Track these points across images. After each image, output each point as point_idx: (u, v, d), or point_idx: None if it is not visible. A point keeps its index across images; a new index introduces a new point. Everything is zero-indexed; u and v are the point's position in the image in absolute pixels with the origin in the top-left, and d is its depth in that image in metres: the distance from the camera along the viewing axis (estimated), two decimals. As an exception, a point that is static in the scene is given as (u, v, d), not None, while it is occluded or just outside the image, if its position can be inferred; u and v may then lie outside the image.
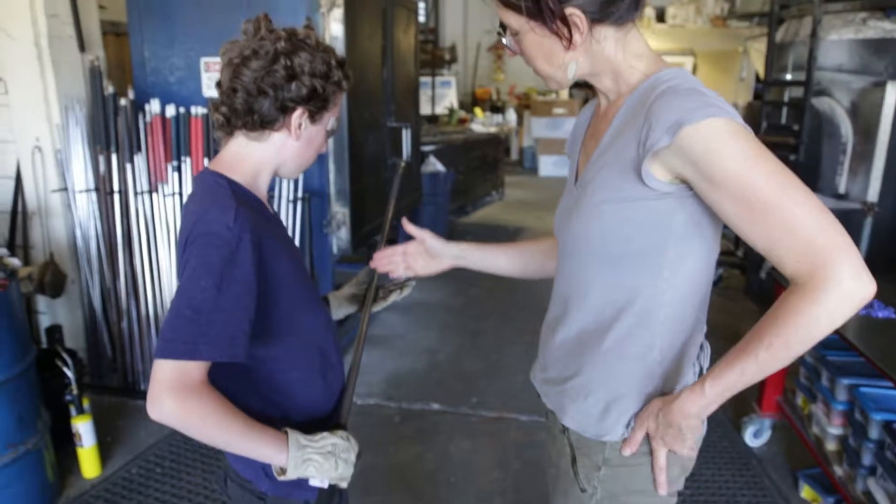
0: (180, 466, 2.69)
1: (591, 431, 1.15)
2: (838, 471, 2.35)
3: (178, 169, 3.04)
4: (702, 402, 1.00)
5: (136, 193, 3.08)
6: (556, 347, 1.21)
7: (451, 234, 6.51)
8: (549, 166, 10.12)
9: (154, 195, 3.08)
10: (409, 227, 1.47)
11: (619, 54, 1.07)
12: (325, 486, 1.15)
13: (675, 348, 1.10)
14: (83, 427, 2.56)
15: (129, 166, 3.06)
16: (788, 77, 4.25)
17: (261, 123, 1.14)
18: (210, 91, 3.14)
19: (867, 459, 2.19)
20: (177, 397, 0.97)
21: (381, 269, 1.47)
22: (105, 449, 2.75)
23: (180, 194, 3.06)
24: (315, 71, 1.13)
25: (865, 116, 3.81)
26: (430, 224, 5.94)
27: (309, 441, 1.11)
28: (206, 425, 1.01)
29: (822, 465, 2.45)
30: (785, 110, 4.28)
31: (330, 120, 1.22)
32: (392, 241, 1.49)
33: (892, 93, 3.64)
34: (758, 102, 5.69)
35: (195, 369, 1.00)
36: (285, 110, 1.14)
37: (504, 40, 1.12)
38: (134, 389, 3.24)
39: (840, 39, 3.84)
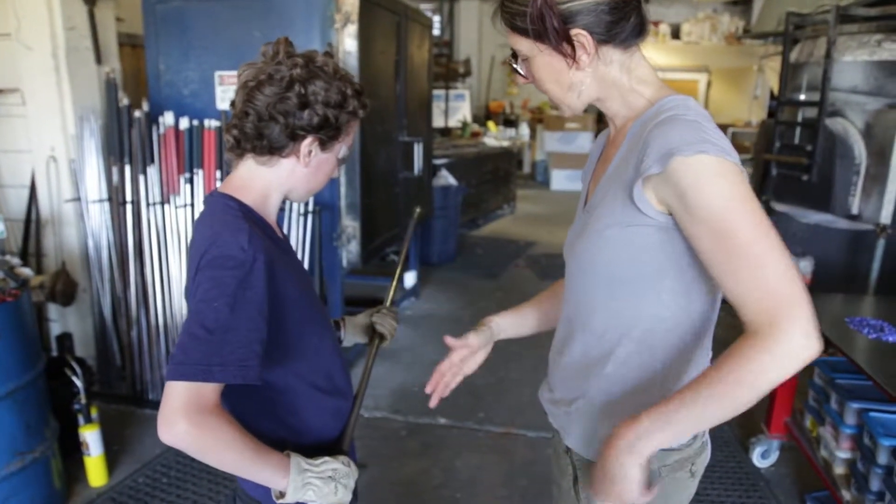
0: (186, 477, 2.70)
1: (592, 454, 1.15)
2: (846, 495, 2.31)
3: (191, 181, 3.07)
4: (637, 429, 0.94)
5: (148, 204, 3.12)
6: (562, 369, 1.22)
7: (462, 246, 6.53)
8: (561, 180, 10.12)
9: (166, 206, 3.11)
10: (451, 342, 1.38)
11: (625, 78, 1.08)
12: None
13: (678, 377, 1.10)
14: (91, 436, 2.57)
15: (141, 177, 3.10)
16: (802, 97, 4.23)
17: (269, 149, 1.14)
18: (223, 104, 3.18)
19: (875, 485, 2.16)
20: (191, 420, 0.96)
21: (444, 394, 1.40)
22: (112, 457, 2.76)
23: (192, 206, 3.09)
24: (329, 100, 1.13)
25: (879, 138, 3.78)
26: (441, 237, 5.97)
27: (310, 465, 1.12)
28: (218, 449, 1.01)
29: (830, 489, 2.41)
30: (798, 130, 4.26)
31: (342, 148, 1.22)
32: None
33: (907, 114, 3.62)
34: (772, 121, 5.67)
35: (209, 392, 0.99)
36: (295, 138, 1.13)
37: (516, 66, 1.13)
38: (142, 398, 3.26)
39: (855, 61, 3.83)
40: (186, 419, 0.96)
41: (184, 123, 3.05)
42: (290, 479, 1.08)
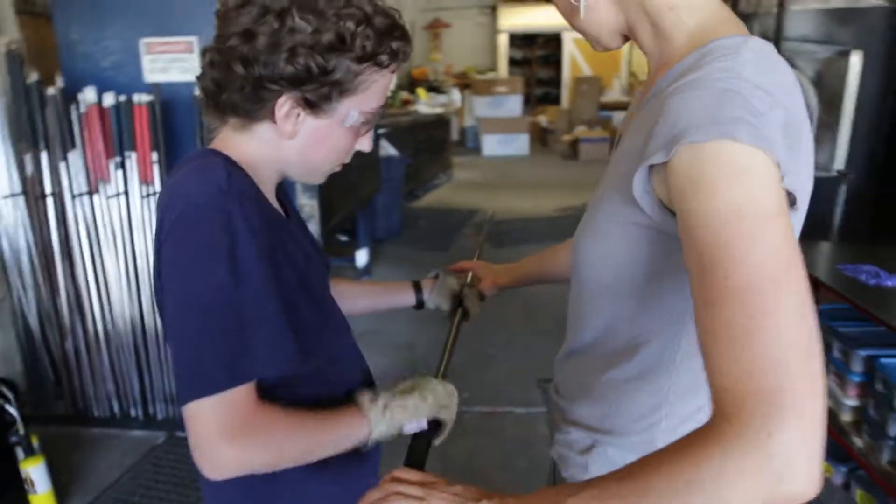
0: (153, 501, 2.39)
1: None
2: (858, 442, 2.29)
3: (122, 166, 2.68)
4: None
5: (73, 196, 2.71)
6: (560, 372, 1.07)
7: (406, 219, 6.28)
8: (493, 145, 9.99)
9: (95, 197, 2.71)
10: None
11: None
12: (425, 425, 0.95)
13: (656, 421, 0.88)
14: (35, 471, 2.21)
15: (62, 165, 2.68)
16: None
17: (233, 110, 0.84)
18: (153, 76, 2.78)
19: (893, 430, 2.14)
20: (237, 441, 0.74)
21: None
22: (61, 490, 2.40)
23: (126, 194, 2.70)
24: (319, 42, 0.79)
25: (830, 86, 3.81)
26: (385, 211, 5.69)
27: (380, 397, 0.94)
28: (285, 453, 0.81)
29: (834, 436, 2.39)
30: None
31: (350, 113, 0.86)
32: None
33: (857, 62, 3.66)
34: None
35: (243, 396, 0.76)
36: (262, 97, 0.82)
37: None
38: (87, 417, 2.88)
39: (806, 10, 3.83)
40: (230, 442, 0.74)
41: (108, 100, 2.65)
42: (368, 418, 0.90)
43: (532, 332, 3.83)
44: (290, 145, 0.87)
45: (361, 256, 4.77)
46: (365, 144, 0.94)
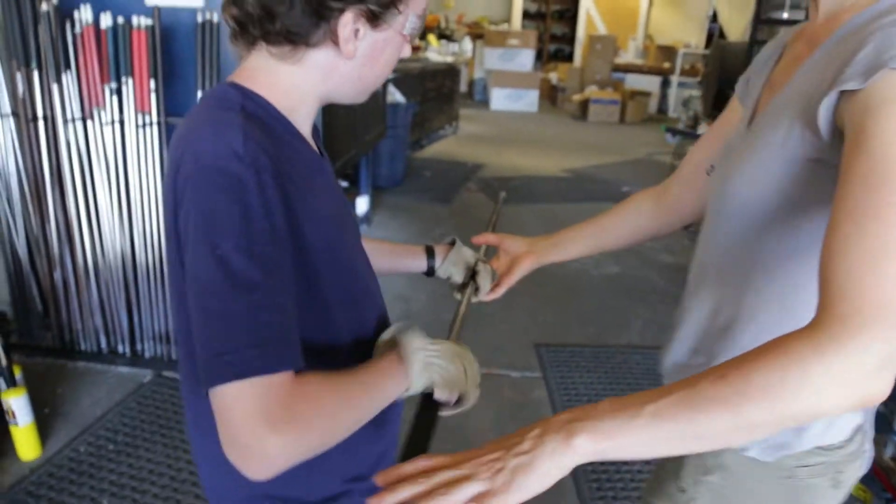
0: (137, 442, 2.34)
1: None
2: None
3: (118, 92, 2.54)
4: (590, 413, 0.60)
5: (65, 121, 2.57)
6: (686, 327, 1.00)
7: (409, 169, 6.14)
8: (501, 99, 9.76)
9: (89, 123, 2.58)
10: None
11: None
12: (453, 400, 0.89)
13: None
14: (17, 402, 2.15)
15: (55, 87, 2.54)
16: (785, 16, 4.05)
17: (287, 37, 0.74)
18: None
19: (898, 425, 2.09)
20: (281, 427, 0.64)
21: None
22: (43, 423, 2.35)
23: (121, 122, 2.57)
24: None
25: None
26: (389, 159, 5.56)
27: (424, 344, 0.87)
28: (333, 429, 0.72)
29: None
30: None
31: (410, 18, 0.80)
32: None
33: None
34: (725, 42, 5.54)
35: (282, 381, 0.66)
36: (323, 16, 0.73)
37: None
38: (73, 350, 2.82)
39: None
40: (275, 430, 0.63)
41: (105, 21, 2.49)
42: (408, 368, 0.83)
43: (534, 295, 3.76)
44: (348, 68, 0.79)
45: (362, 204, 4.66)
46: (407, 49, 0.85)
